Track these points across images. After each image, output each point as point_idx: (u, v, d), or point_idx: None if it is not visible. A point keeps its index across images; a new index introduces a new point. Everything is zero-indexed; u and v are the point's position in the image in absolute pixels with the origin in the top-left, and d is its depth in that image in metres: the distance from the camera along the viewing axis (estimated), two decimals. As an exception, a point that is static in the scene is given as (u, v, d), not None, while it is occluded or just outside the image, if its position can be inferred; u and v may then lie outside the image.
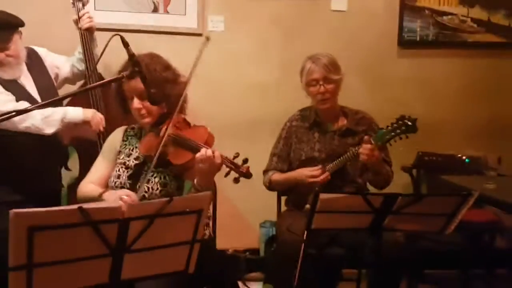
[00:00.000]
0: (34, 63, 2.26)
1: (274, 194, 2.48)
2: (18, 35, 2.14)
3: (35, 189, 2.02)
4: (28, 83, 2.21)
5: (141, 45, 1.85)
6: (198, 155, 1.59)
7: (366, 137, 2.07)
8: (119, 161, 1.85)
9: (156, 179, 1.76)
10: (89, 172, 1.89)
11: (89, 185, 1.84)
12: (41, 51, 2.34)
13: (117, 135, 1.92)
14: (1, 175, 1.34)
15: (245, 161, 1.65)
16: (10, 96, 2.09)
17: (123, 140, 1.89)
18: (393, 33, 3.03)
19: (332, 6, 2.95)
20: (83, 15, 2.30)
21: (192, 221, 1.36)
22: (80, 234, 1.20)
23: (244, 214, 2.98)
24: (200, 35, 2.82)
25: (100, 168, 1.87)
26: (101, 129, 2.19)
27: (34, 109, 1.46)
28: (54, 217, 1.15)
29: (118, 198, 1.62)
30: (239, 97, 2.94)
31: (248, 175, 1.64)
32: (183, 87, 1.82)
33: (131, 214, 1.24)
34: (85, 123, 2.14)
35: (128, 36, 2.41)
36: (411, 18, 3.01)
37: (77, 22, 2.32)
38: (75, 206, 1.17)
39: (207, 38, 1.68)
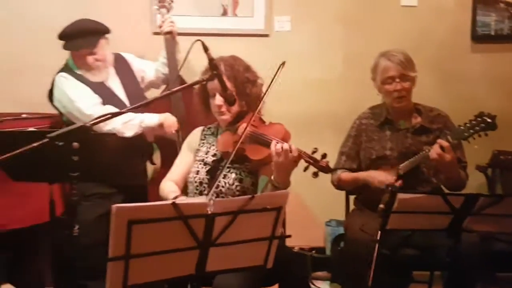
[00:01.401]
0: (122, 67, 2.41)
1: (340, 193, 2.47)
2: (104, 41, 2.30)
3: (123, 183, 2.17)
4: (115, 86, 2.36)
5: (211, 48, 1.94)
6: (273, 148, 1.64)
7: (439, 140, 2.01)
8: (197, 158, 1.95)
9: (233, 175, 1.84)
10: (170, 170, 2.00)
11: (169, 184, 1.94)
12: (128, 56, 2.49)
13: (195, 134, 2.04)
14: (92, 170, 1.47)
15: (324, 156, 1.67)
16: (97, 100, 2.25)
17: (201, 139, 2.00)
18: (465, 27, 2.93)
19: (402, 2, 2.89)
20: (166, 20, 2.43)
21: (272, 218, 1.41)
22: (172, 228, 1.28)
23: (310, 212, 2.99)
24: (267, 35, 2.87)
25: (180, 165, 1.99)
26: (173, 131, 2.30)
27: (125, 112, 1.59)
28: (151, 212, 1.25)
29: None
30: (303, 95, 2.96)
31: (327, 169, 1.67)
32: (261, 88, 1.94)
33: (217, 209, 1.31)
34: (160, 126, 2.27)
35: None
36: (484, 12, 2.89)
37: (160, 27, 2.45)
38: (169, 202, 1.25)
39: (283, 64, 1.77)
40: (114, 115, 1.54)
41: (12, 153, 1.28)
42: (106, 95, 2.28)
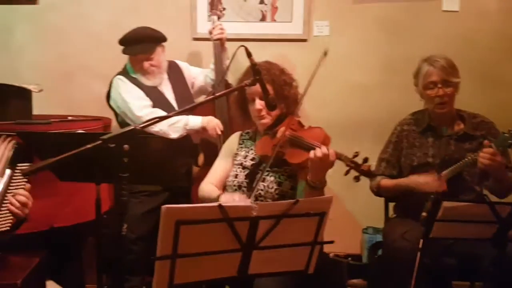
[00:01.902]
0: (174, 74, 2.56)
1: (378, 200, 2.45)
2: (160, 48, 2.46)
3: (170, 183, 2.23)
4: (167, 91, 2.51)
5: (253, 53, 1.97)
6: (312, 153, 1.65)
7: (486, 142, 1.97)
8: (236, 162, 1.98)
9: (271, 178, 1.85)
10: (209, 172, 2.04)
11: (209, 185, 1.98)
12: (181, 64, 2.64)
13: (233, 139, 2.07)
14: (140, 172, 1.52)
15: (365, 160, 1.67)
16: (148, 102, 2.39)
17: (239, 144, 2.03)
18: (509, 32, 2.84)
19: (444, 7, 2.84)
20: (216, 26, 2.51)
21: (315, 223, 1.41)
22: (217, 230, 1.30)
23: (347, 218, 2.97)
24: (305, 40, 2.88)
25: (218, 169, 2.02)
26: (215, 134, 2.39)
27: (172, 116, 1.64)
28: (198, 213, 1.28)
29: (233, 200, 1.74)
30: (342, 100, 2.94)
31: (369, 173, 1.66)
32: (297, 90, 1.96)
33: (261, 213, 1.32)
34: (203, 128, 2.37)
35: (235, 45, 2.61)
36: (529, 16, 2.81)
37: (211, 33, 2.53)
38: (215, 204, 1.28)
39: (325, 53, 1.74)
40: (162, 118, 1.59)
41: (67, 154, 1.33)
42: (158, 98, 2.42)
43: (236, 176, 1.94)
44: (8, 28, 2.93)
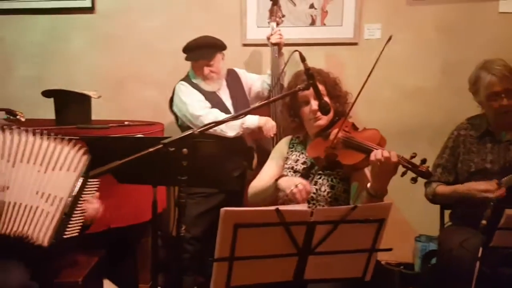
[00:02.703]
0: (233, 80, 2.66)
1: (432, 207, 2.37)
2: (220, 56, 2.58)
3: (224, 185, 2.27)
4: (225, 96, 2.62)
5: (296, 57, 1.97)
6: (372, 155, 1.60)
7: None
8: (286, 166, 1.97)
9: (324, 181, 1.84)
10: (259, 175, 2.03)
11: (261, 181, 1.96)
12: (239, 71, 2.74)
13: (283, 143, 2.07)
14: (196, 172, 1.56)
15: (424, 161, 1.61)
16: (206, 104, 2.51)
17: (289, 147, 2.02)
18: None
19: (500, 8, 2.73)
20: (275, 32, 2.57)
21: (373, 229, 1.39)
22: (274, 233, 1.31)
23: (400, 226, 2.90)
24: (355, 44, 2.86)
25: (268, 172, 2.00)
26: (271, 135, 2.44)
27: (228, 121, 1.68)
28: (255, 216, 1.29)
29: (294, 184, 1.69)
30: (395, 103, 2.89)
31: (427, 174, 1.59)
32: (347, 91, 1.94)
33: (318, 218, 1.32)
34: (259, 128, 2.44)
35: (285, 50, 2.64)
36: None
37: (269, 38, 2.58)
38: (272, 208, 1.28)
39: (390, 38, 1.71)
40: (218, 123, 1.62)
41: (132, 157, 1.38)
42: (216, 103, 2.53)
43: (287, 180, 1.93)
44: (66, 37, 3.08)
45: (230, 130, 2.42)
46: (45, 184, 1.75)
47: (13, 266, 1.66)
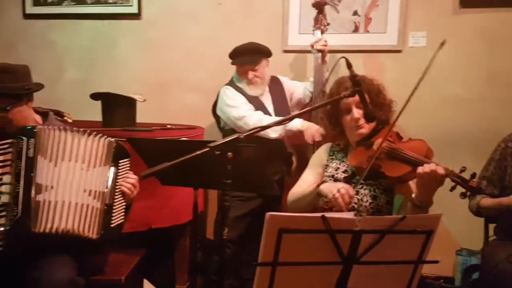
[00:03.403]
0: (275, 87, 2.70)
1: (475, 221, 2.29)
2: (265, 62, 2.63)
3: (263, 190, 2.28)
4: (267, 102, 2.66)
5: (342, 64, 1.96)
6: (420, 169, 1.57)
7: None
8: (326, 174, 1.94)
9: (366, 191, 1.80)
10: (299, 180, 2.02)
11: (300, 188, 1.94)
12: (282, 78, 2.77)
13: (323, 150, 2.04)
14: (236, 176, 1.58)
15: (473, 175, 1.57)
16: (249, 106, 2.57)
17: (329, 155, 1.99)
18: None
19: (548, 17, 2.64)
20: (320, 40, 2.59)
21: (420, 241, 1.36)
22: (319, 241, 1.30)
23: (440, 238, 2.80)
24: (399, 51, 2.82)
25: (307, 179, 1.99)
26: (311, 140, 2.43)
27: (274, 125, 1.69)
28: (301, 222, 1.28)
29: (336, 188, 1.68)
30: (439, 113, 2.83)
31: (477, 190, 1.57)
32: (391, 99, 1.90)
33: (364, 227, 1.30)
34: (301, 132, 2.44)
35: (328, 56, 2.63)
36: None
37: (312, 46, 2.60)
38: (318, 214, 1.27)
39: (443, 43, 1.67)
40: (263, 128, 1.63)
41: (180, 159, 1.41)
42: (258, 107, 2.58)
43: (327, 188, 1.91)
44: (113, 42, 3.18)
45: (273, 131, 2.45)
46: (89, 181, 1.82)
47: (61, 262, 1.73)
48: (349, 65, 1.68)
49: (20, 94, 1.85)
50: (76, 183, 1.80)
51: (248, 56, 2.57)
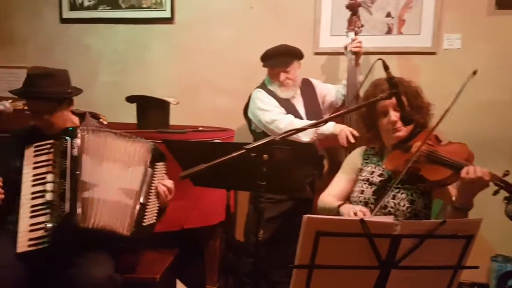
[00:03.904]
0: (307, 90, 2.68)
1: (510, 226, 2.22)
2: (297, 64, 2.61)
3: (295, 193, 2.29)
4: (299, 104, 2.63)
5: (376, 67, 1.93)
6: (464, 173, 1.55)
7: None
8: (361, 177, 1.92)
9: (403, 195, 1.78)
10: (330, 185, 2.01)
11: (329, 197, 1.96)
12: (314, 81, 2.74)
13: (357, 153, 2.02)
14: (272, 178, 1.59)
15: None
16: (281, 110, 2.55)
17: (363, 159, 1.97)
18: None
19: None
20: (355, 41, 2.57)
21: (460, 245, 1.34)
22: (356, 244, 1.29)
23: (475, 244, 2.75)
24: (433, 53, 2.77)
25: (340, 183, 1.98)
26: (345, 142, 2.39)
27: (308, 128, 1.69)
28: (339, 225, 1.28)
29: (353, 212, 1.68)
30: (474, 117, 2.77)
31: None
32: (429, 102, 1.87)
33: (403, 231, 1.28)
34: (334, 136, 2.41)
35: (361, 58, 2.60)
36: None
37: (346, 48, 2.59)
38: (357, 218, 1.27)
39: (474, 73, 1.64)
40: (299, 130, 1.63)
41: (218, 160, 1.43)
42: (289, 109, 2.56)
43: (362, 192, 1.88)
44: (146, 46, 3.24)
45: (305, 135, 2.42)
46: (125, 180, 1.87)
47: (100, 259, 1.78)
48: (386, 67, 1.66)
49: (61, 98, 1.91)
50: (115, 182, 1.86)
51: (279, 58, 2.55)
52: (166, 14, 3.13)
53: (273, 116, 2.50)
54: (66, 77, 2.00)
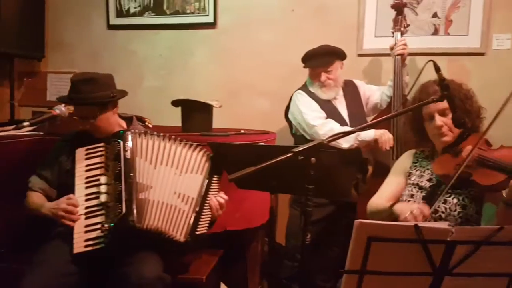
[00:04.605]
0: (350, 91, 2.64)
1: None
2: (339, 64, 2.57)
3: (340, 197, 2.26)
4: (341, 106, 2.59)
5: (418, 68, 1.89)
6: None
7: None
8: (410, 181, 1.89)
9: (454, 200, 1.73)
10: (380, 189, 1.98)
11: (379, 199, 1.92)
12: (357, 82, 2.71)
13: (406, 157, 1.99)
14: (319, 182, 1.58)
15: None
16: (322, 114, 2.51)
17: (413, 162, 1.94)
18: None
19: None
20: (400, 42, 2.52)
21: (519, 253, 1.28)
22: (409, 250, 1.26)
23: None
24: (482, 54, 2.69)
25: (390, 186, 1.95)
26: (387, 148, 2.35)
27: (354, 132, 1.67)
28: (391, 231, 1.25)
29: (409, 210, 1.64)
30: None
31: None
32: (479, 105, 1.83)
33: (458, 237, 1.25)
34: (375, 141, 2.36)
35: (407, 59, 2.55)
36: None
37: (392, 48, 2.54)
38: (411, 223, 1.24)
39: None
40: (347, 133, 1.62)
41: (265, 164, 1.43)
42: (331, 112, 2.52)
43: (411, 196, 1.85)
44: (189, 50, 3.30)
45: (345, 141, 2.37)
46: (180, 185, 1.90)
47: (150, 259, 1.81)
48: (437, 69, 1.63)
49: (105, 102, 1.97)
50: (170, 186, 1.89)
51: (320, 58, 2.52)
52: (209, 19, 3.18)
53: (312, 121, 2.46)
54: (110, 80, 2.04)
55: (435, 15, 2.76)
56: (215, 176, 1.99)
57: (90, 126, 1.98)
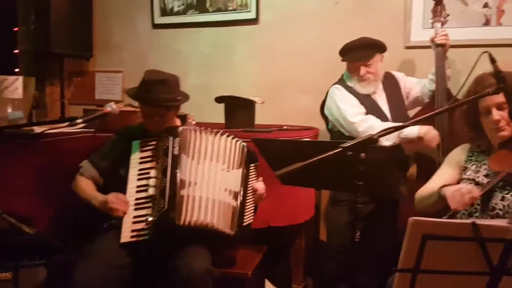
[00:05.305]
0: (390, 84, 2.53)
1: None
2: (379, 57, 2.46)
3: (386, 195, 2.21)
4: (381, 100, 2.49)
5: (468, 60, 1.81)
6: None
7: None
8: (465, 176, 1.83)
9: None
10: (431, 179, 1.92)
11: (429, 185, 1.88)
12: (397, 75, 2.60)
13: (462, 150, 1.93)
14: (369, 179, 1.55)
15: None
16: (361, 109, 2.40)
17: (468, 156, 1.88)
18: None
19: None
20: (440, 32, 2.41)
21: None
22: (465, 248, 1.22)
23: None
24: (538, 45, 2.54)
25: (441, 176, 1.89)
26: (433, 145, 2.25)
27: (405, 127, 1.62)
28: (447, 229, 1.22)
29: (457, 189, 1.62)
30: None
31: None
32: None
33: (519, 236, 1.19)
34: (420, 139, 2.24)
35: (455, 52, 2.45)
36: None
37: (432, 40, 2.43)
38: (468, 221, 1.20)
39: None
40: (397, 128, 1.58)
41: (312, 159, 1.42)
42: (371, 106, 2.42)
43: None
44: (231, 47, 3.32)
45: (386, 138, 2.18)
46: (228, 181, 1.93)
47: (199, 253, 1.86)
48: (492, 60, 1.57)
49: (171, 106, 2.03)
50: (218, 182, 1.93)
51: (359, 52, 2.40)
52: (251, 15, 3.18)
53: (350, 117, 2.36)
54: (177, 83, 2.14)
55: (486, 5, 2.63)
56: (251, 165, 2.02)
57: (153, 123, 2.04)
